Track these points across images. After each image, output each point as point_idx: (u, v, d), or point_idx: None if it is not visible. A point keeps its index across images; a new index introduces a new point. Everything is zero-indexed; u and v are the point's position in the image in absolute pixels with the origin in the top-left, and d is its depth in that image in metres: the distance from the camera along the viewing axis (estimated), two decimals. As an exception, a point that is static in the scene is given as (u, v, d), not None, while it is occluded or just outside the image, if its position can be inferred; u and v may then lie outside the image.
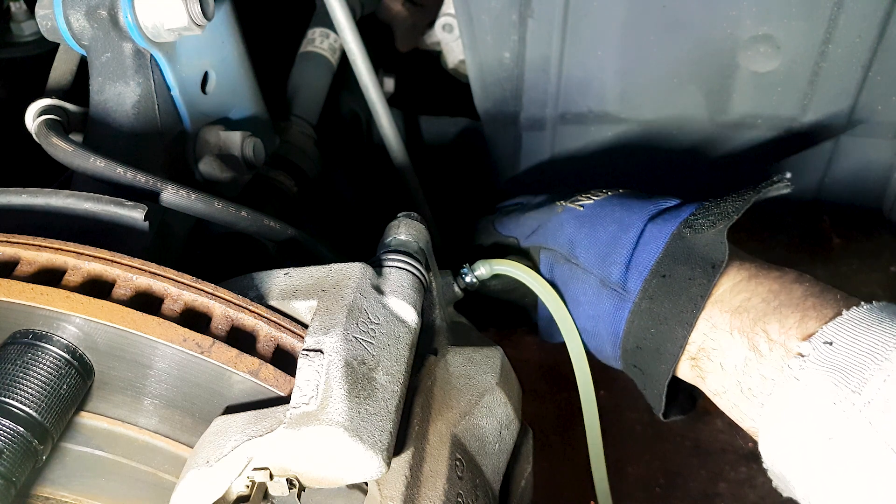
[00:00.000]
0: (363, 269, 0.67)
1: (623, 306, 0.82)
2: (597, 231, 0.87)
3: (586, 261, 0.86)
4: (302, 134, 1.20)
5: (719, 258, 0.77)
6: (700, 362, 0.78)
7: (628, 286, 0.82)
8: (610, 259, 0.84)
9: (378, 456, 0.55)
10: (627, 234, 0.84)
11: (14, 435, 0.57)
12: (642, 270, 0.81)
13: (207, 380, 0.60)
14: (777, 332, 0.71)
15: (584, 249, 0.87)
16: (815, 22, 1.05)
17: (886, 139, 1.17)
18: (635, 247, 0.83)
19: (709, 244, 0.78)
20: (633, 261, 0.82)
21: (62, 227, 0.68)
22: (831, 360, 0.66)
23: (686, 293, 0.78)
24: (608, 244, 0.85)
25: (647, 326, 0.80)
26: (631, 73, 1.16)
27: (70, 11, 0.82)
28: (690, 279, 0.78)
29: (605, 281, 0.84)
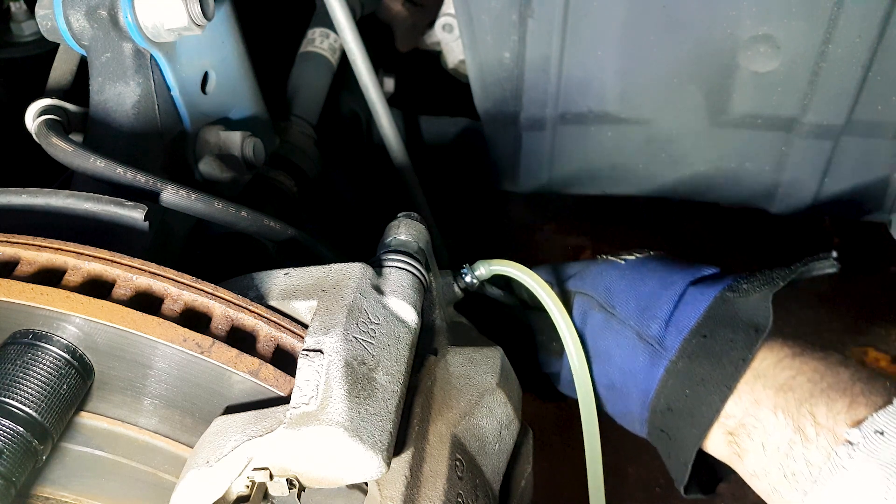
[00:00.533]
0: (363, 269, 0.67)
1: (658, 363, 0.79)
2: (637, 284, 0.84)
3: (624, 312, 0.83)
4: (302, 134, 1.20)
5: (763, 322, 0.75)
6: (739, 439, 0.74)
7: (666, 343, 0.79)
8: (649, 313, 0.81)
9: (378, 456, 0.55)
10: (668, 291, 0.81)
11: (14, 435, 0.57)
12: (682, 329, 0.78)
13: (207, 380, 0.60)
14: (825, 416, 0.68)
15: (622, 300, 0.84)
16: (815, 22, 1.05)
17: (886, 139, 1.16)
18: (676, 305, 0.80)
19: (753, 308, 0.76)
20: (673, 318, 0.79)
21: (62, 227, 0.68)
22: (883, 452, 0.63)
23: (727, 356, 0.74)
24: (648, 298, 0.82)
25: (682, 387, 0.76)
26: (631, 73, 1.16)
27: (70, 11, 0.82)
28: (732, 342, 0.75)
29: (642, 334, 0.81)
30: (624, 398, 0.82)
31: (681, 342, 0.77)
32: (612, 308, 0.84)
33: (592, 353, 0.84)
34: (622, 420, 0.85)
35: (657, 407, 0.79)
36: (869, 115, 1.14)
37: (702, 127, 1.21)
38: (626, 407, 0.83)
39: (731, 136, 1.21)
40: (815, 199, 1.26)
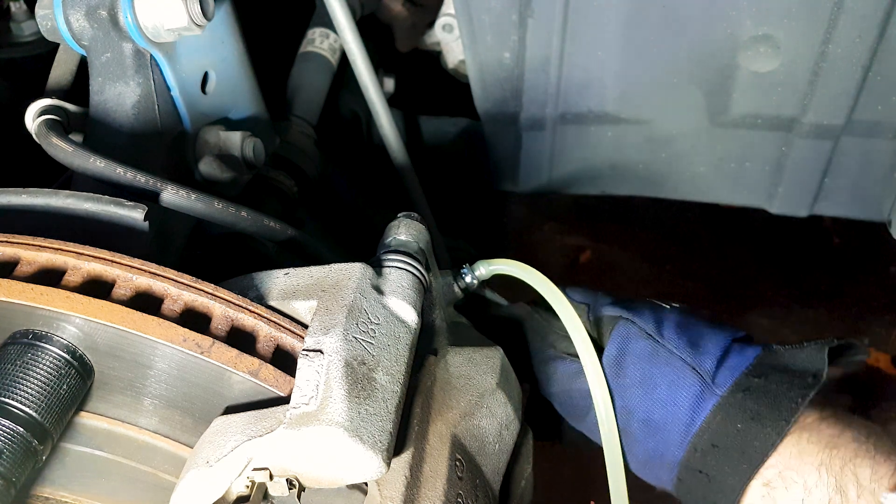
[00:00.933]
0: (363, 269, 0.67)
1: (708, 397, 0.76)
2: (687, 322, 0.83)
3: (674, 342, 0.80)
4: (302, 134, 1.20)
5: (818, 370, 0.74)
6: (776, 491, 0.72)
7: (718, 379, 0.77)
8: (702, 348, 0.79)
9: (378, 456, 0.55)
10: (718, 335, 0.80)
11: (14, 435, 0.57)
12: (735, 369, 0.77)
13: (207, 380, 0.60)
14: (868, 479, 0.67)
15: (672, 331, 0.82)
16: (815, 22, 1.05)
17: (886, 139, 1.16)
18: (727, 349, 0.79)
19: (806, 359, 0.76)
20: (726, 359, 0.78)
21: (62, 227, 0.68)
22: None
23: (784, 395, 0.73)
24: (700, 336, 0.81)
25: (733, 421, 0.74)
26: (631, 73, 1.16)
27: (70, 11, 0.82)
28: (789, 384, 0.74)
29: (695, 366, 0.78)
30: (660, 434, 0.79)
31: (735, 379, 0.76)
32: (661, 338, 0.81)
33: (633, 382, 0.81)
34: (645, 467, 0.82)
35: (699, 445, 0.76)
36: (869, 115, 1.14)
37: (702, 127, 1.21)
38: (660, 446, 0.79)
39: (731, 136, 1.21)
40: (815, 199, 1.26)
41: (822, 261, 2.07)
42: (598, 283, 1.99)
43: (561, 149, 1.29)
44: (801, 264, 2.04)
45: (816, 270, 2.03)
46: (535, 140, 1.27)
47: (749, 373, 0.76)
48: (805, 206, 1.28)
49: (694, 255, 2.01)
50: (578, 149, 1.28)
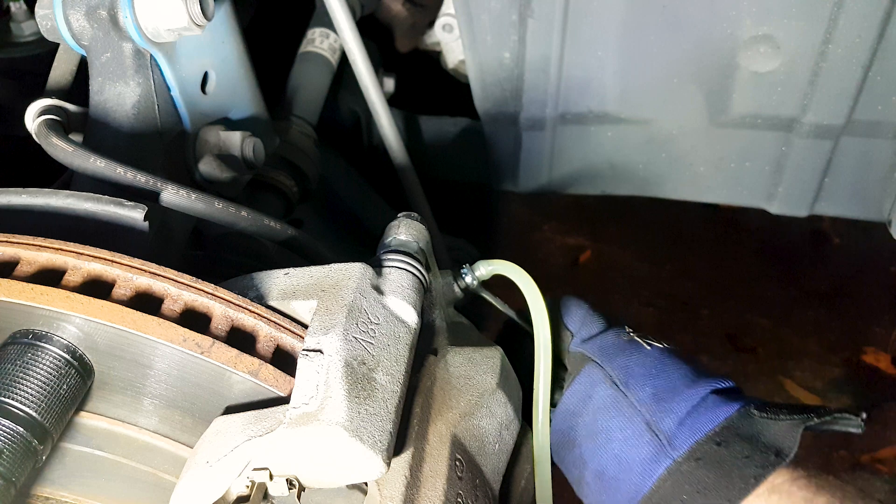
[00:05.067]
0: (363, 269, 0.67)
1: (662, 460, 0.73)
2: (659, 373, 0.78)
3: (638, 396, 0.77)
4: (302, 134, 1.20)
5: (787, 449, 0.70)
6: None
7: (676, 442, 0.73)
8: (665, 406, 0.75)
9: (378, 456, 0.55)
10: (690, 390, 0.76)
11: (14, 435, 0.57)
12: (697, 432, 0.73)
13: (207, 380, 0.60)
14: None
15: (639, 383, 0.78)
16: (815, 22, 1.05)
17: (886, 139, 1.16)
18: (696, 406, 0.75)
19: (780, 433, 0.72)
20: (689, 418, 0.74)
21: (62, 227, 0.68)
22: None
23: (739, 470, 0.70)
24: (667, 391, 0.77)
25: (680, 491, 0.71)
26: (631, 73, 1.16)
27: (70, 11, 0.82)
28: (748, 458, 0.70)
29: (652, 425, 0.75)
30: (611, 491, 0.76)
31: (692, 444, 0.72)
32: (625, 388, 0.78)
33: (590, 432, 0.78)
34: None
35: None
36: (869, 115, 1.14)
37: (702, 127, 1.21)
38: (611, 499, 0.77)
39: (731, 136, 1.21)
40: (815, 199, 1.26)
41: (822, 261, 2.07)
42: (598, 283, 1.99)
43: (561, 149, 1.29)
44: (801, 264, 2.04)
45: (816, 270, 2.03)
46: (535, 140, 1.27)
47: (711, 437, 0.72)
48: (805, 206, 1.28)
49: (694, 255, 2.01)
50: (578, 149, 1.28)
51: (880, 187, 1.22)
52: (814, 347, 1.86)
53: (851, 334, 1.90)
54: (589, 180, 1.34)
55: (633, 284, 1.95)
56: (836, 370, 1.85)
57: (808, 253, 2.08)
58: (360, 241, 1.34)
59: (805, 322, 1.90)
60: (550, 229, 2.11)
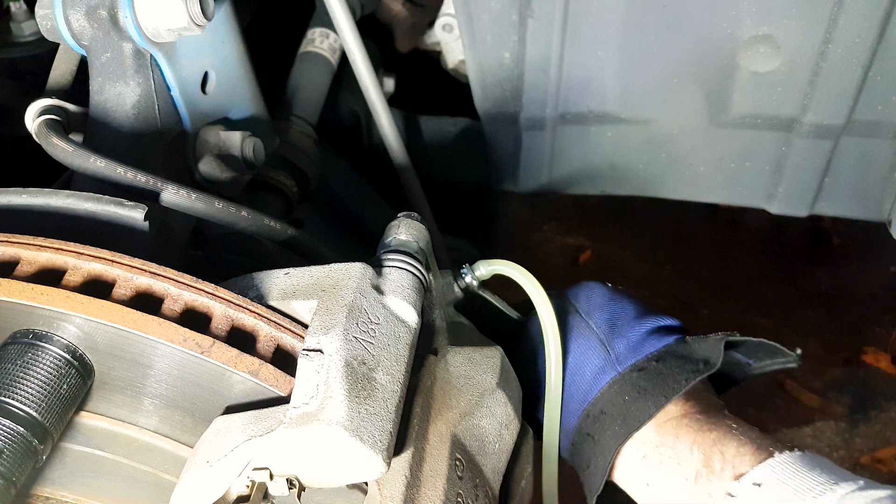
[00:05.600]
0: (363, 269, 0.67)
1: (609, 371, 0.84)
2: (615, 307, 0.90)
3: (597, 322, 0.89)
4: (302, 134, 1.20)
5: (713, 360, 0.82)
6: (651, 464, 0.80)
7: (622, 359, 0.85)
8: (618, 331, 0.87)
9: (378, 456, 0.55)
10: (640, 322, 0.88)
11: (14, 435, 0.57)
12: (640, 353, 0.85)
13: (207, 380, 0.60)
14: (732, 454, 0.75)
15: (599, 312, 0.90)
16: (815, 22, 1.05)
17: (886, 139, 1.16)
18: (644, 334, 0.87)
19: (706, 348, 0.83)
20: (636, 343, 0.86)
21: (62, 227, 0.68)
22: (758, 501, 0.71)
23: (674, 375, 0.81)
24: (622, 319, 0.89)
25: (623, 393, 0.82)
26: (631, 73, 1.16)
27: (70, 11, 0.82)
28: (680, 368, 0.82)
29: (605, 343, 0.87)
30: (565, 397, 0.86)
31: (635, 360, 0.84)
32: (586, 315, 0.90)
33: None
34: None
35: (592, 411, 0.84)
36: (869, 115, 1.14)
37: (702, 127, 1.21)
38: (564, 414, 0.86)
39: (731, 136, 1.21)
40: (815, 199, 1.26)
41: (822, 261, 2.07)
42: (598, 283, 1.98)
43: (561, 149, 1.29)
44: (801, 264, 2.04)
45: (816, 270, 2.03)
46: (535, 140, 1.27)
47: (651, 357, 0.84)
48: (805, 206, 1.28)
49: (694, 255, 2.01)
50: (578, 149, 1.28)
51: (880, 187, 1.22)
52: (814, 347, 1.86)
53: (851, 334, 1.90)
54: (589, 180, 1.34)
55: (633, 284, 1.95)
56: (836, 370, 1.85)
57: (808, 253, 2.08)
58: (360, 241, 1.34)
59: (805, 322, 1.90)
60: (550, 229, 2.11)
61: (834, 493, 0.68)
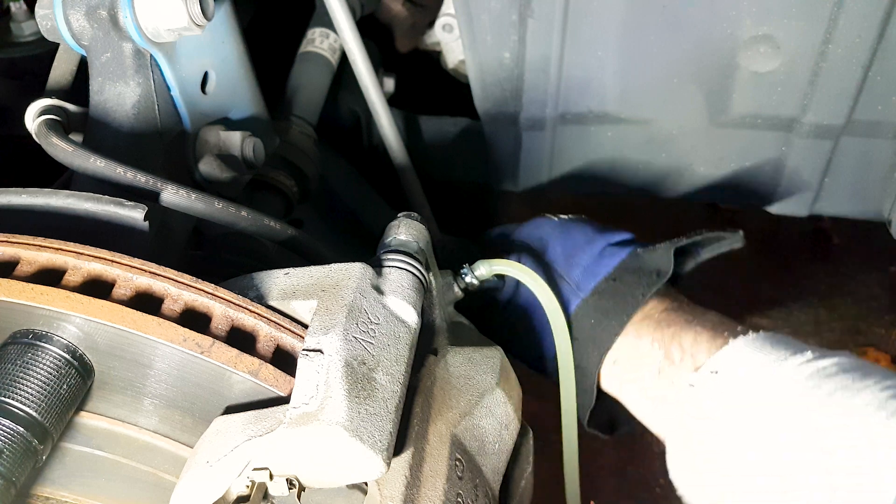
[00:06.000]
0: (363, 269, 0.67)
1: (574, 300, 0.91)
2: (566, 236, 0.97)
3: (552, 257, 0.96)
4: (302, 134, 1.20)
5: (665, 268, 0.88)
6: (622, 369, 0.87)
7: (582, 285, 0.92)
8: (573, 261, 0.94)
9: (378, 456, 0.55)
10: (591, 245, 0.95)
11: (14, 435, 0.57)
12: (597, 275, 0.91)
13: (207, 380, 0.60)
14: (689, 344, 0.81)
15: (552, 248, 0.96)
16: (815, 22, 1.05)
17: (886, 139, 1.16)
18: (597, 257, 0.93)
19: (657, 259, 0.90)
20: (591, 267, 0.92)
21: (62, 227, 0.68)
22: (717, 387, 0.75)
23: (630, 293, 0.88)
24: (573, 248, 0.95)
25: (588, 318, 0.89)
26: (631, 73, 1.16)
27: (70, 11, 0.82)
28: (636, 283, 0.88)
29: (563, 276, 0.94)
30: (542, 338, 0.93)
31: (594, 285, 0.91)
32: (543, 254, 0.97)
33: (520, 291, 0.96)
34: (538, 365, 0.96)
35: None
36: (869, 115, 1.14)
37: (702, 127, 1.21)
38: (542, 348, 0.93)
39: (731, 136, 1.21)
40: (815, 199, 1.26)
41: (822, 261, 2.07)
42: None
43: (561, 149, 1.29)
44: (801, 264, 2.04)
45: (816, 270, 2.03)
46: (535, 140, 1.27)
47: (607, 278, 0.90)
48: (805, 206, 1.27)
49: (693, 254, 2.01)
50: (578, 149, 1.28)
51: (880, 187, 1.22)
52: (814, 347, 1.86)
53: (851, 334, 1.90)
54: (589, 180, 1.34)
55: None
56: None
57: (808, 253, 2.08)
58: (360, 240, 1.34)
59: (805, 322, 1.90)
60: (550, 229, 2.10)
61: (783, 369, 0.72)
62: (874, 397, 0.66)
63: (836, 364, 0.71)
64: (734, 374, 0.74)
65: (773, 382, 0.72)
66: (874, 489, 0.61)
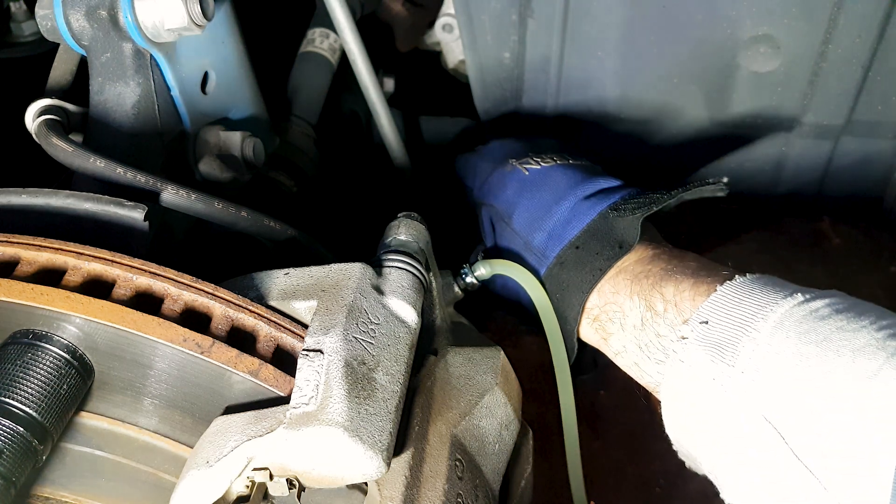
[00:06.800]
0: (363, 269, 0.67)
1: (541, 270, 0.88)
2: (534, 198, 0.91)
3: (518, 223, 0.91)
4: (302, 134, 1.20)
5: (629, 241, 0.83)
6: (603, 324, 0.83)
7: (547, 252, 0.87)
8: (537, 225, 0.89)
9: (378, 456, 0.56)
10: (559, 205, 0.89)
11: (14, 435, 0.57)
12: (562, 240, 0.86)
13: (207, 380, 0.60)
14: (671, 293, 0.77)
15: (518, 213, 0.91)
16: (815, 22, 1.05)
17: (886, 139, 1.16)
18: (563, 219, 0.88)
19: (625, 227, 0.84)
20: (556, 230, 0.87)
21: (62, 227, 0.68)
22: (708, 338, 0.71)
23: (590, 265, 0.84)
24: (539, 210, 0.90)
25: (553, 292, 0.86)
26: (631, 73, 1.16)
27: (70, 11, 0.82)
28: (598, 254, 0.84)
29: (528, 244, 0.89)
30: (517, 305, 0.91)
31: (557, 252, 0.86)
32: (509, 220, 0.92)
33: None
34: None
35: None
36: (869, 115, 1.14)
37: (702, 127, 1.21)
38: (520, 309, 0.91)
39: (731, 136, 1.21)
40: (815, 199, 1.26)
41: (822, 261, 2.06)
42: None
43: (561, 149, 1.28)
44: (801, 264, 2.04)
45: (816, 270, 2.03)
46: (535, 140, 1.27)
47: (572, 243, 0.86)
48: (805, 206, 1.28)
49: (693, 254, 2.01)
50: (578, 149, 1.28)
51: (880, 187, 1.22)
52: (814, 347, 1.85)
53: (851, 334, 1.89)
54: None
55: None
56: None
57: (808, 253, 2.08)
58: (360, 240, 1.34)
59: (805, 322, 1.90)
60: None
61: (775, 313, 0.68)
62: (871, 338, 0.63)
63: (829, 305, 0.68)
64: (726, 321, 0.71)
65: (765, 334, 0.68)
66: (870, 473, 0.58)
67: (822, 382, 0.63)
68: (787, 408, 0.64)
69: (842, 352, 0.63)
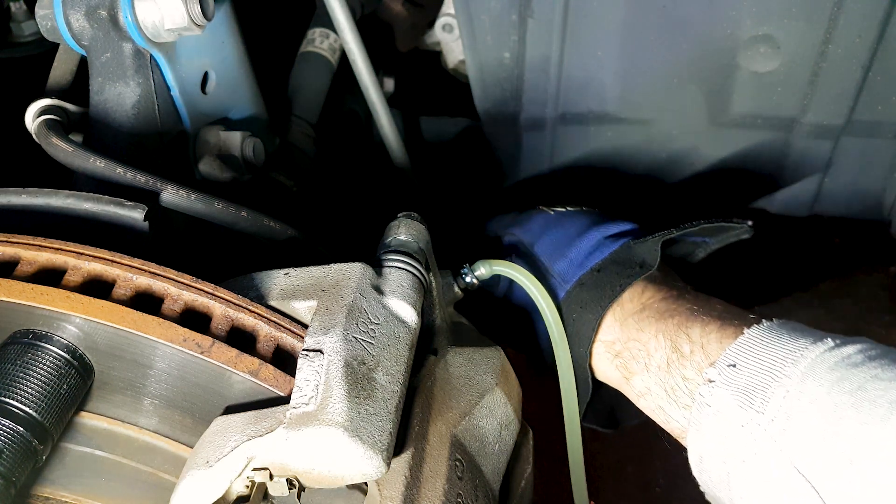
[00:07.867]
0: (363, 269, 0.67)
1: (560, 292, 0.89)
2: (558, 231, 0.95)
3: (541, 251, 0.94)
4: (302, 134, 1.20)
5: (650, 262, 0.84)
6: (626, 361, 0.83)
7: (567, 277, 0.89)
8: (560, 252, 0.92)
9: (378, 456, 0.56)
10: (582, 239, 0.92)
11: (14, 435, 0.57)
12: (584, 267, 0.89)
13: (207, 380, 0.60)
14: (698, 335, 0.76)
15: (541, 242, 0.95)
16: (815, 22, 1.05)
17: (886, 139, 1.16)
18: (586, 250, 0.90)
19: (646, 251, 0.86)
20: (578, 258, 0.90)
21: (62, 227, 0.68)
22: (736, 383, 0.69)
23: (610, 284, 0.85)
24: (564, 240, 0.93)
25: (571, 311, 0.87)
26: (631, 73, 1.16)
27: (70, 11, 0.82)
28: (618, 274, 0.85)
29: (549, 270, 0.92)
30: (538, 334, 0.92)
31: (580, 275, 0.88)
32: (532, 249, 0.95)
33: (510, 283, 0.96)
34: (537, 358, 0.95)
35: None
36: (869, 115, 1.14)
37: (702, 127, 1.21)
38: (539, 343, 0.92)
39: (731, 136, 1.21)
40: (815, 199, 1.26)
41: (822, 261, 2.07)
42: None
43: (561, 149, 1.29)
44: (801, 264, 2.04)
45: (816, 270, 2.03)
46: (535, 140, 1.27)
47: (593, 269, 0.88)
48: (805, 206, 1.28)
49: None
50: (578, 149, 1.28)
51: (880, 187, 1.22)
52: (814, 348, 1.85)
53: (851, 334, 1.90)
54: (589, 180, 1.34)
55: (632, 284, 1.95)
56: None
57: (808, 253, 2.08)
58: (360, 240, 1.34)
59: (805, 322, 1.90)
60: (550, 229, 2.10)
61: (805, 359, 0.67)
62: None
63: (861, 351, 0.67)
64: (755, 366, 0.69)
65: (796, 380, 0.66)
66: None
67: (859, 433, 0.61)
68: (820, 458, 0.62)
69: (879, 402, 0.62)
